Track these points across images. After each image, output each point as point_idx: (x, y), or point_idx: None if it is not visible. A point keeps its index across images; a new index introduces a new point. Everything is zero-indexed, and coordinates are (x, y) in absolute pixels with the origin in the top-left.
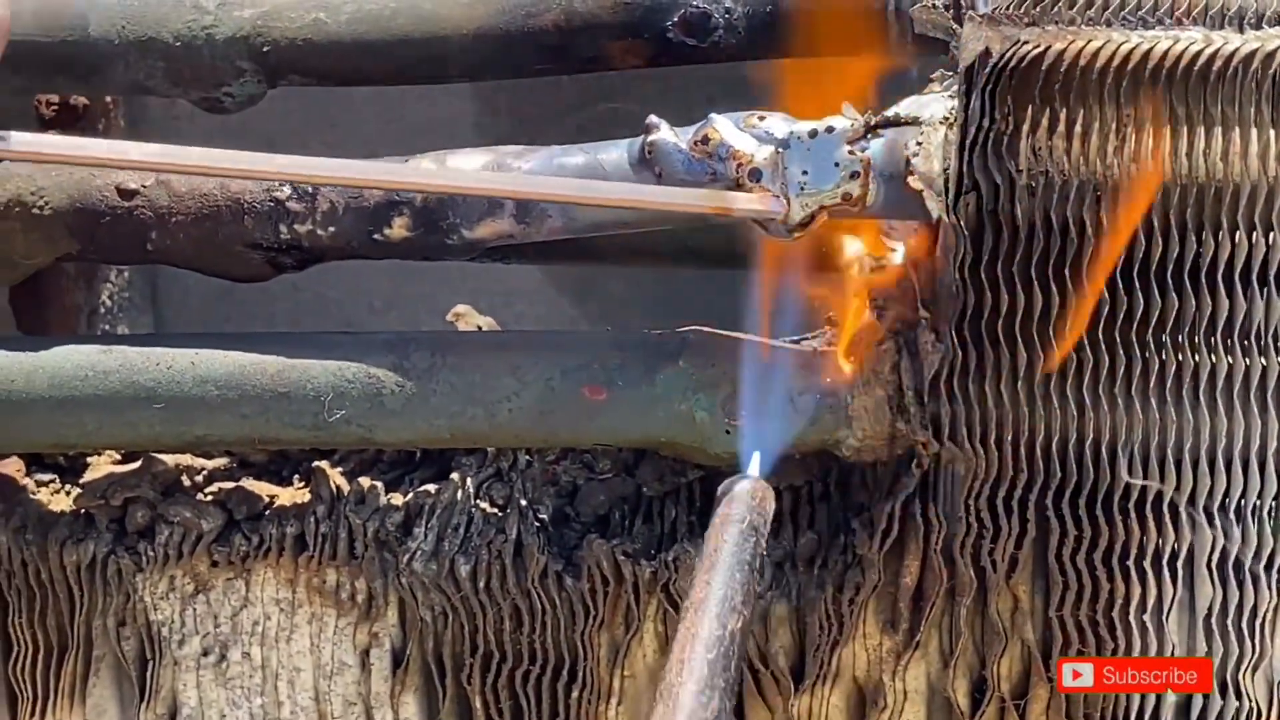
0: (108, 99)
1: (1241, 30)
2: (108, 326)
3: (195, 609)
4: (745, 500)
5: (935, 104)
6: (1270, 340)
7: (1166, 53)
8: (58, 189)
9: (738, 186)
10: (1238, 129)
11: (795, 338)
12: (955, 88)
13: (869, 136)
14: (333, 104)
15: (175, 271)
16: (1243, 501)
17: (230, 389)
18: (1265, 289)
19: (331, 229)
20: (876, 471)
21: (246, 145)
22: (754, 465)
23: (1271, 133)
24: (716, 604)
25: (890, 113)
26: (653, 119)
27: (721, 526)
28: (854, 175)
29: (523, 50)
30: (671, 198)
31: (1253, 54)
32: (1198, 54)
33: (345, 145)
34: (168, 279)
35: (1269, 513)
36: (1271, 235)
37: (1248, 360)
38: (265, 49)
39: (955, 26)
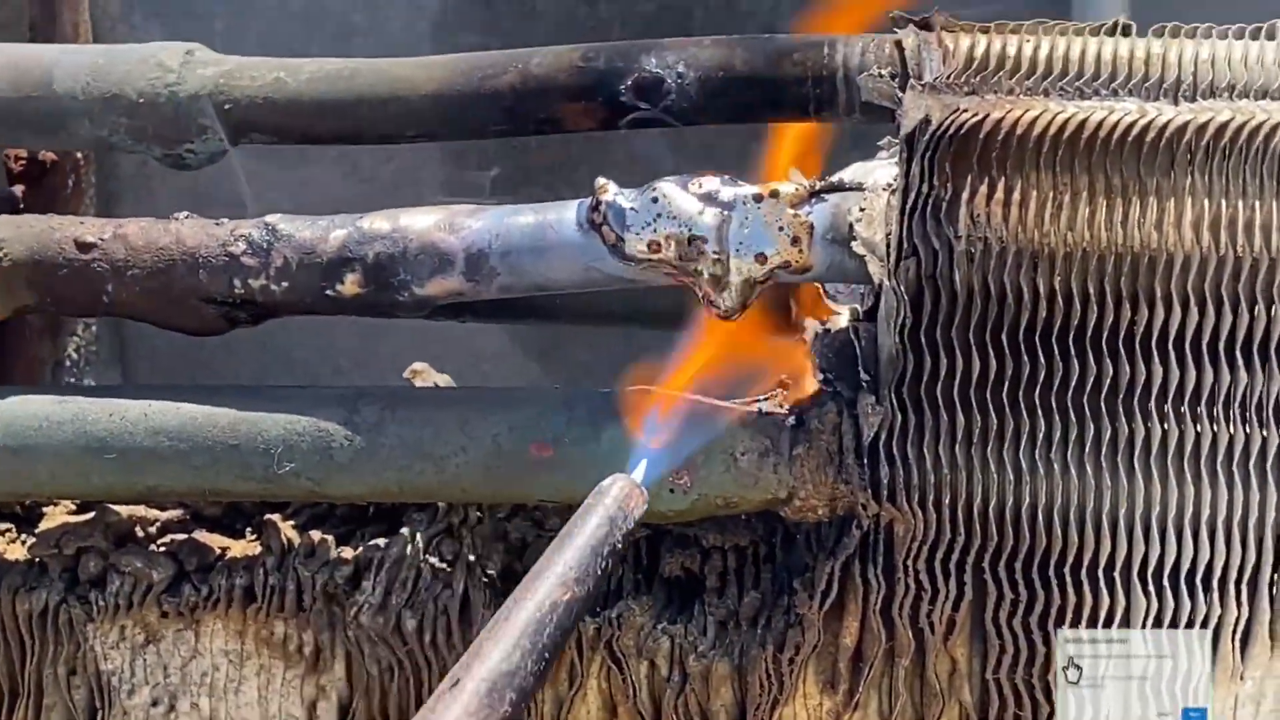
0: (78, 154)
1: (1176, 102)
2: (73, 379)
3: (145, 659)
4: (613, 495)
5: (880, 170)
6: (1203, 408)
7: (1101, 123)
8: (17, 241)
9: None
10: (1172, 199)
11: (748, 399)
12: (898, 155)
13: (813, 201)
14: (303, 164)
15: (142, 325)
16: (1175, 567)
17: (182, 440)
18: (1197, 357)
19: (285, 284)
20: (820, 532)
21: (215, 204)
22: (638, 471)
23: (1205, 202)
24: (550, 576)
25: (835, 178)
26: (601, 180)
27: (582, 513)
28: (795, 240)
29: (480, 111)
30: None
31: (1185, 125)
32: (1132, 124)
33: (317, 207)
34: (135, 333)
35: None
36: (1205, 305)
37: (1181, 427)
38: (227, 106)
39: (901, 94)
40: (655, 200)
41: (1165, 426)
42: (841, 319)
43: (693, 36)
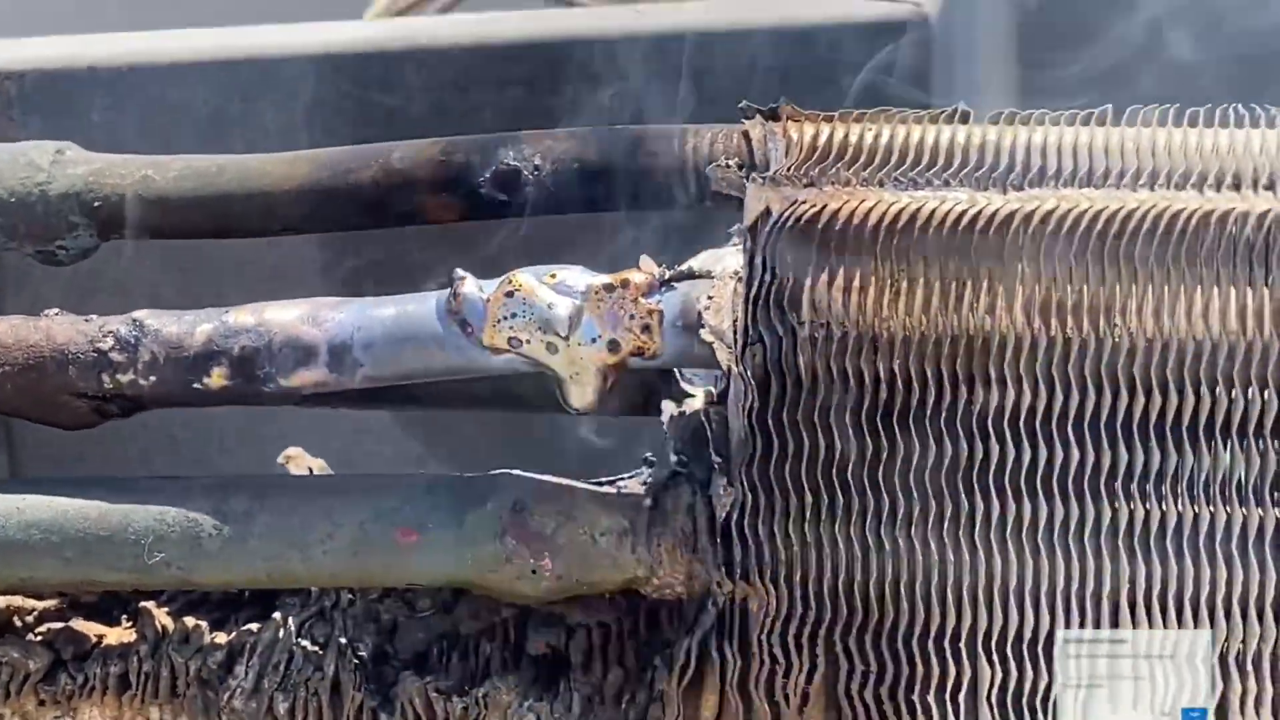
0: None
1: (1005, 191)
2: None
3: None
4: None
5: (730, 258)
6: (1039, 483)
7: (933, 212)
8: None
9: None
10: (1003, 283)
11: (610, 478)
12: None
13: (663, 289)
14: (185, 251)
15: None
16: (1018, 636)
17: (54, 533)
18: (1031, 435)
19: (153, 378)
20: (681, 608)
21: (100, 293)
22: None
23: (1035, 286)
24: None
25: (685, 266)
26: (458, 271)
27: None
28: (646, 329)
29: (343, 205)
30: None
31: (1013, 214)
32: (962, 213)
33: (199, 293)
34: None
35: None
36: (1037, 385)
37: (1017, 502)
38: (96, 204)
39: (748, 184)
40: (511, 294)
41: (1002, 501)
42: (696, 401)
43: (554, 129)
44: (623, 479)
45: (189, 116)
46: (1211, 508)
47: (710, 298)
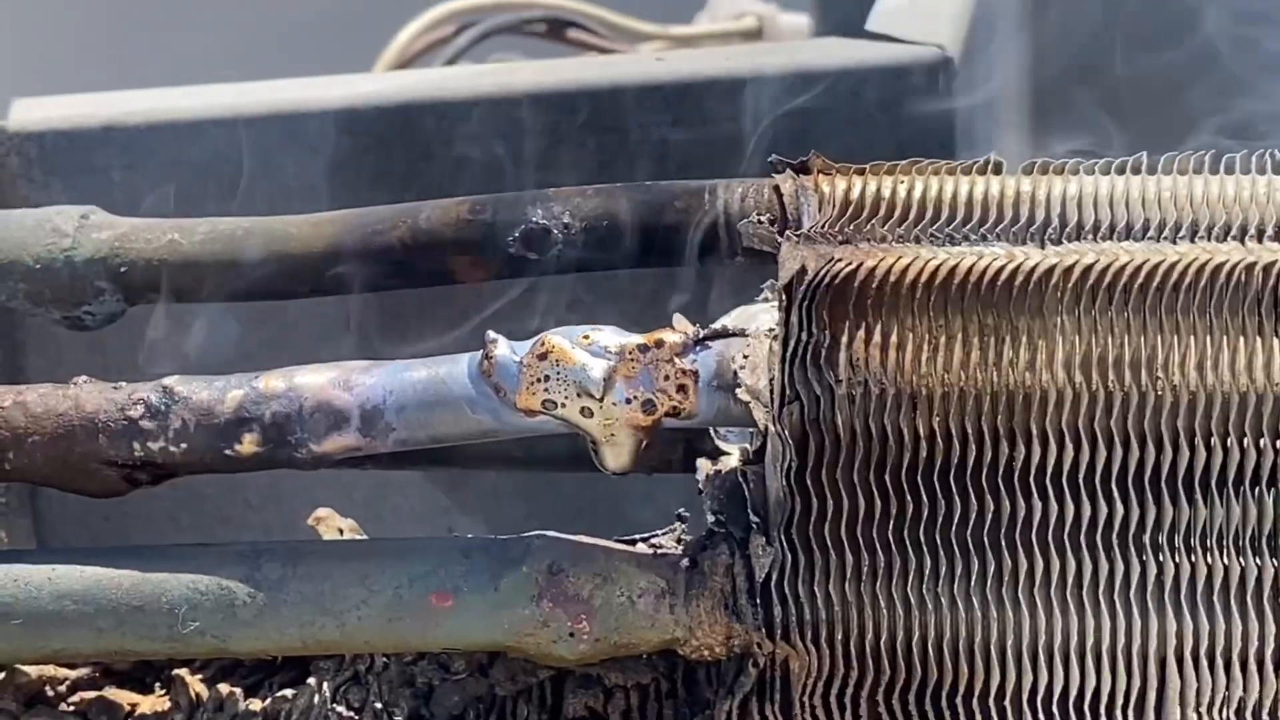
0: None
1: (1043, 245)
2: None
3: None
4: None
5: (763, 315)
6: (1083, 539)
7: (971, 268)
8: None
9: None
10: (1043, 338)
11: (643, 535)
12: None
13: (698, 349)
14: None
15: None
16: (1064, 693)
17: (86, 603)
18: (1074, 491)
19: (184, 445)
20: (720, 668)
21: (112, 359)
22: None
23: (1075, 340)
24: None
25: (719, 324)
26: (490, 334)
27: None
28: (681, 389)
29: (371, 267)
30: None
31: (1052, 269)
32: (1001, 269)
33: (218, 350)
34: None
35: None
36: (1080, 440)
37: (1061, 559)
38: (123, 269)
39: (780, 239)
40: (544, 356)
41: (1046, 558)
42: (731, 459)
43: (583, 185)
44: (657, 535)
45: (210, 174)
46: (1259, 561)
47: (745, 356)
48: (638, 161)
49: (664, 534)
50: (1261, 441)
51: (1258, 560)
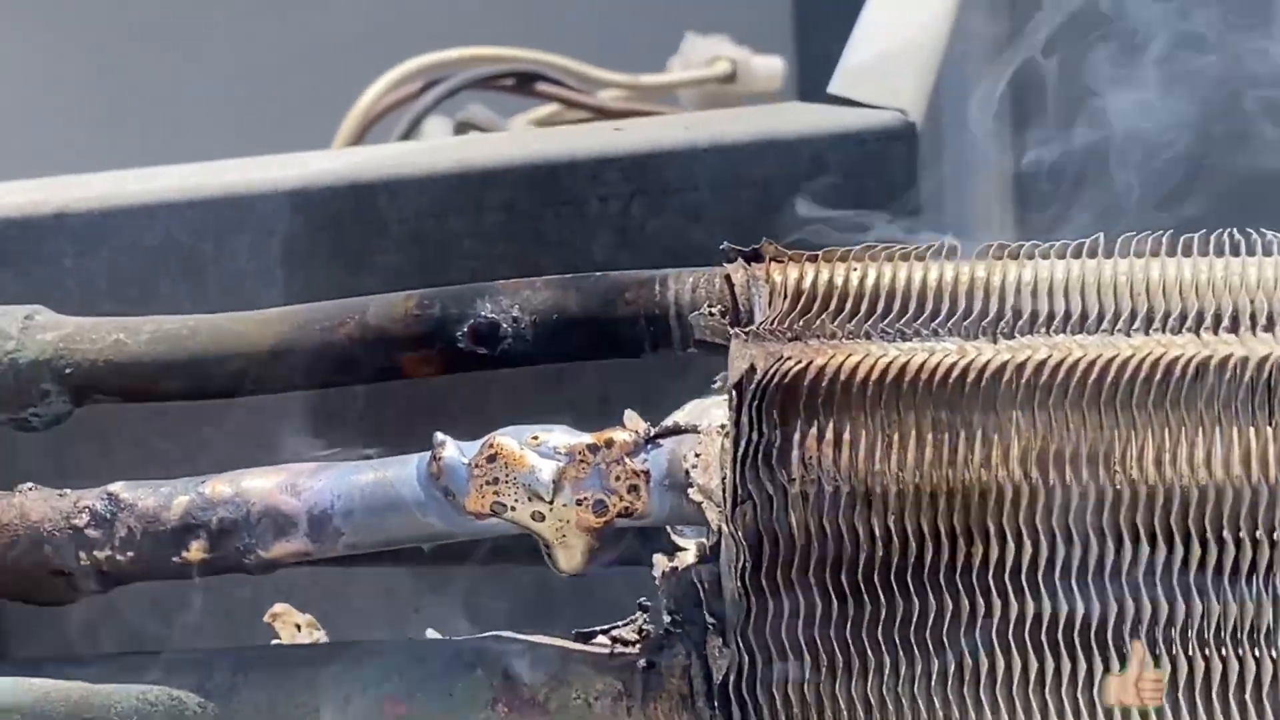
0: None
1: (995, 340)
2: None
3: None
4: None
5: (715, 409)
6: (1044, 636)
7: (922, 365)
8: None
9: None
10: (996, 434)
11: (604, 627)
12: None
13: (649, 447)
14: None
15: None
16: None
17: (36, 717)
18: (1033, 588)
19: (130, 554)
20: None
21: (81, 446)
22: None
23: (1030, 436)
24: None
25: (670, 421)
26: (439, 436)
27: None
28: (632, 489)
29: (318, 365)
30: None
31: (1004, 365)
32: (952, 365)
33: (196, 454)
34: None
35: None
36: (1037, 537)
37: (1022, 657)
38: (68, 370)
39: (731, 331)
40: (493, 459)
41: (1007, 657)
42: (688, 555)
43: (532, 276)
44: (618, 626)
45: (162, 258)
46: (1223, 654)
47: (698, 455)
48: (597, 233)
49: (624, 625)
50: (1224, 534)
51: (1222, 654)
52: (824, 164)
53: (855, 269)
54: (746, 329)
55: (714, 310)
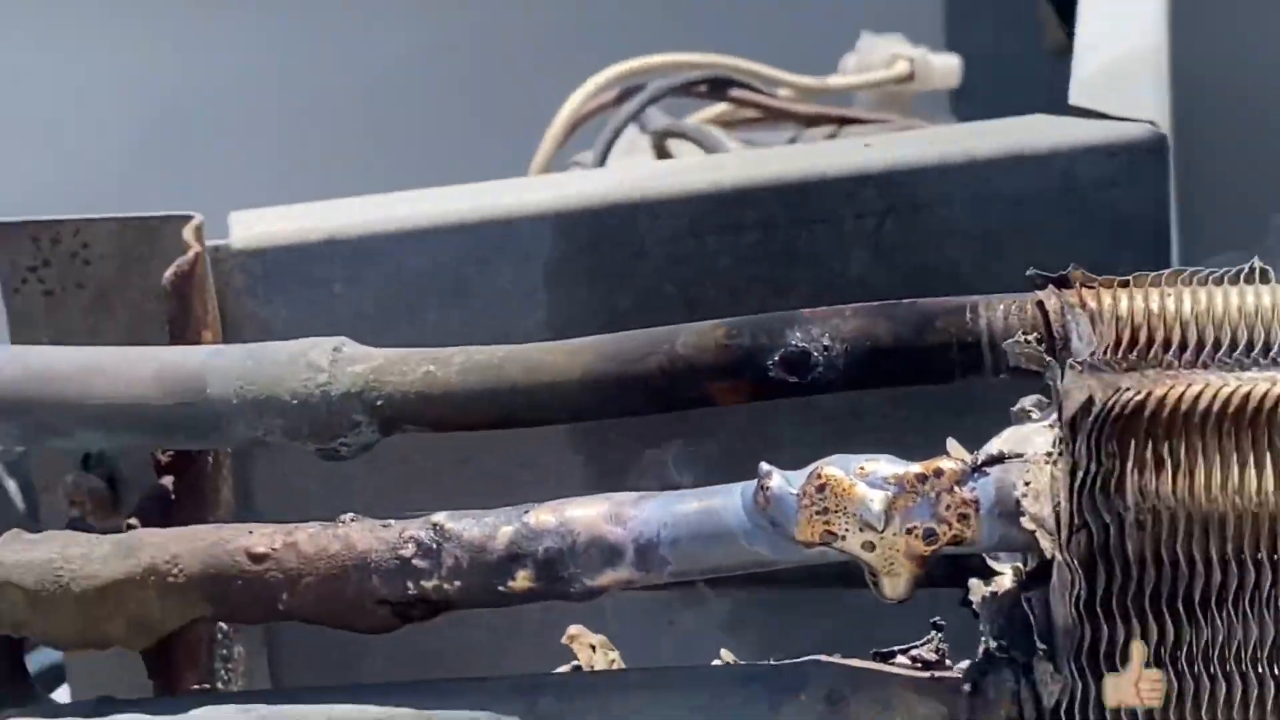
0: None
1: None
2: (224, 653)
3: None
4: None
5: (1037, 436)
6: None
7: (1265, 395)
8: (190, 555)
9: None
10: None
11: (901, 647)
12: (1054, 421)
13: (976, 476)
14: (465, 441)
15: None
16: None
17: None
18: None
19: (457, 583)
20: None
21: (370, 486)
22: None
23: None
24: None
25: (994, 449)
26: (765, 466)
27: None
28: (962, 518)
29: (628, 394)
30: None
31: None
32: None
33: (475, 483)
34: None
35: None
36: None
37: None
38: (379, 402)
39: (1048, 359)
40: (822, 489)
41: None
42: (1005, 579)
43: (840, 305)
44: (916, 647)
45: (430, 283)
46: None
47: (1027, 483)
48: (853, 251)
49: (923, 645)
50: None
51: None
52: (1074, 179)
53: (1169, 295)
54: (1080, 360)
55: (1030, 338)
